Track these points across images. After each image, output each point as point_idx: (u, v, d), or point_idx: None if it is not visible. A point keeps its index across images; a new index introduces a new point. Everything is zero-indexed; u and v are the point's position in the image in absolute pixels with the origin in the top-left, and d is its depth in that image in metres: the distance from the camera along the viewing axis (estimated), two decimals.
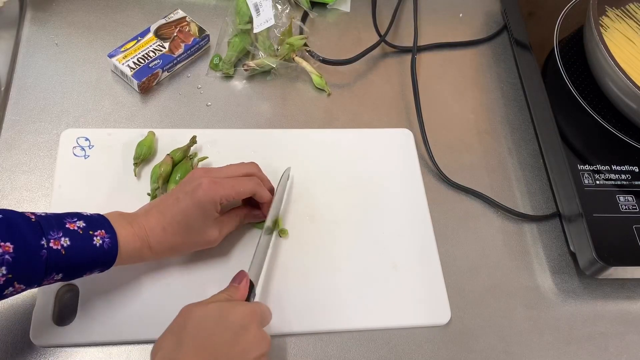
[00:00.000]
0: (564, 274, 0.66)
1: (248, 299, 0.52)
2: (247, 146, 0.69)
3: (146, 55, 0.71)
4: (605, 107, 0.71)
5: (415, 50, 0.81)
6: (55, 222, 0.48)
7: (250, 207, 0.62)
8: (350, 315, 0.60)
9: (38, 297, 0.55)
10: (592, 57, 0.72)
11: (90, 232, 0.49)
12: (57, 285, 0.56)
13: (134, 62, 0.70)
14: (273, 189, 0.62)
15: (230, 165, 0.60)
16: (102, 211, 0.54)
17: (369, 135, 0.73)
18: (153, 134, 0.66)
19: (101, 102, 0.70)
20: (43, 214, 0.48)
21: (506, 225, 0.69)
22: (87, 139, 0.66)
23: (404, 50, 0.82)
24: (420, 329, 0.60)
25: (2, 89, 0.69)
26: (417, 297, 0.61)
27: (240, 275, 0.53)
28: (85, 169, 0.64)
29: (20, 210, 0.48)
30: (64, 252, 0.46)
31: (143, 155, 0.65)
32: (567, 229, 0.66)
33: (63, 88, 0.71)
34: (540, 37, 0.77)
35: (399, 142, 0.73)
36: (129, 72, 0.70)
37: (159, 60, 0.71)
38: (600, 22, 0.75)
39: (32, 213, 0.47)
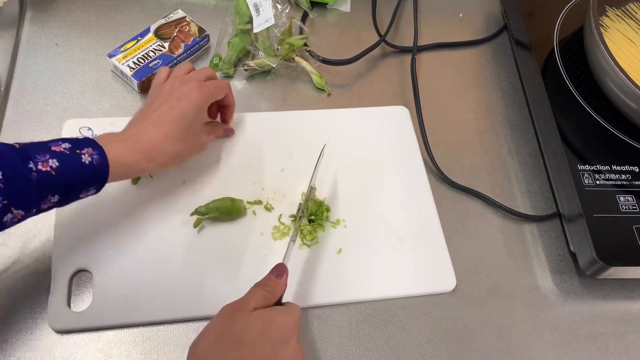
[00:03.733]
0: (564, 274, 0.66)
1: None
2: (248, 129, 0.70)
3: (146, 55, 0.71)
4: (605, 107, 0.71)
5: (415, 50, 0.81)
6: (40, 147, 0.48)
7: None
8: (358, 287, 0.61)
9: (52, 283, 0.56)
10: (592, 57, 0.72)
11: (77, 151, 0.49)
12: (70, 271, 0.57)
13: (134, 62, 0.70)
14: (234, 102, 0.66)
15: (192, 71, 0.62)
16: (110, 196, 0.56)
17: (367, 113, 0.74)
18: None
19: (101, 102, 0.70)
20: (27, 142, 0.48)
21: (506, 225, 0.69)
22: (89, 129, 0.66)
23: (404, 50, 0.82)
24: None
25: (2, 89, 0.69)
26: (423, 266, 0.63)
27: (280, 269, 0.52)
28: None
29: None
30: (54, 173, 0.47)
31: None
32: (567, 229, 0.66)
33: (63, 88, 0.71)
34: (540, 37, 0.77)
35: (396, 119, 0.74)
36: (128, 72, 0.70)
37: (158, 60, 0.71)
38: (600, 22, 0.75)
39: (16, 142, 0.48)
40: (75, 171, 0.48)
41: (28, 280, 0.57)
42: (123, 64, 0.70)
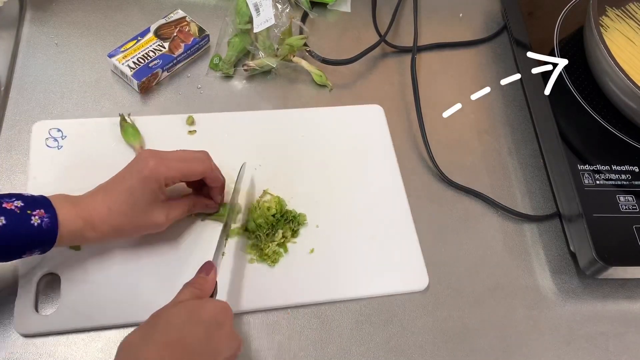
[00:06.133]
0: (564, 274, 0.66)
1: (214, 291, 0.52)
2: (222, 129, 0.69)
3: (146, 55, 0.71)
4: (605, 107, 0.71)
5: (415, 50, 0.81)
6: None
7: (201, 197, 0.62)
8: (330, 286, 0.61)
9: (20, 286, 0.56)
10: (592, 57, 0.72)
11: (28, 212, 0.48)
12: (37, 275, 0.56)
13: (134, 62, 0.70)
14: (223, 177, 0.62)
15: (180, 150, 0.59)
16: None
17: (341, 112, 0.74)
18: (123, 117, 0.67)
19: (101, 102, 0.70)
20: None
21: (506, 225, 0.69)
22: (59, 130, 0.66)
23: (404, 50, 0.82)
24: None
25: (2, 89, 0.69)
26: (395, 266, 0.63)
27: (208, 266, 0.53)
28: (59, 159, 0.64)
29: None
30: None
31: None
32: (567, 229, 0.66)
33: (63, 88, 0.71)
34: (540, 37, 0.77)
35: (370, 118, 0.74)
36: (128, 72, 0.70)
37: (158, 60, 0.71)
38: (600, 22, 0.75)
39: None
40: (22, 232, 0.47)
41: None
42: (123, 64, 0.70)
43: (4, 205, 0.47)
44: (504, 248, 0.67)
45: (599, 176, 0.65)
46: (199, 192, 0.62)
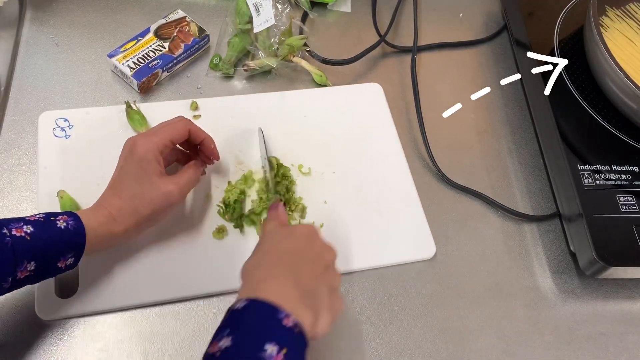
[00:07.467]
0: (564, 274, 0.66)
1: None
2: (225, 112, 0.71)
3: (146, 55, 0.71)
4: (605, 107, 0.71)
5: (415, 50, 0.81)
6: (15, 218, 0.48)
7: (202, 156, 0.62)
8: (340, 259, 0.61)
9: None
10: (592, 57, 0.72)
11: (52, 218, 0.49)
12: None
13: (134, 62, 0.70)
14: (207, 135, 0.61)
15: (159, 124, 0.60)
16: (91, 186, 0.59)
17: (341, 91, 0.76)
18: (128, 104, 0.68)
19: (101, 102, 0.70)
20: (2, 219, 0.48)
21: (506, 225, 0.69)
22: (65, 120, 0.67)
23: (404, 50, 0.82)
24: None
25: (2, 89, 0.69)
26: (403, 236, 0.65)
27: (275, 204, 0.57)
28: (68, 148, 0.65)
29: (20, 209, 0.48)
30: (29, 238, 0.47)
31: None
32: (567, 229, 0.66)
33: (63, 88, 0.71)
34: (540, 37, 0.77)
35: (370, 96, 0.76)
36: (128, 72, 0.70)
37: (158, 60, 0.71)
38: (600, 22, 0.75)
39: None
40: (51, 235, 0.48)
41: None
42: (123, 64, 0.70)
43: (27, 218, 0.49)
44: (504, 248, 0.67)
45: (599, 176, 0.65)
46: (197, 155, 0.63)
